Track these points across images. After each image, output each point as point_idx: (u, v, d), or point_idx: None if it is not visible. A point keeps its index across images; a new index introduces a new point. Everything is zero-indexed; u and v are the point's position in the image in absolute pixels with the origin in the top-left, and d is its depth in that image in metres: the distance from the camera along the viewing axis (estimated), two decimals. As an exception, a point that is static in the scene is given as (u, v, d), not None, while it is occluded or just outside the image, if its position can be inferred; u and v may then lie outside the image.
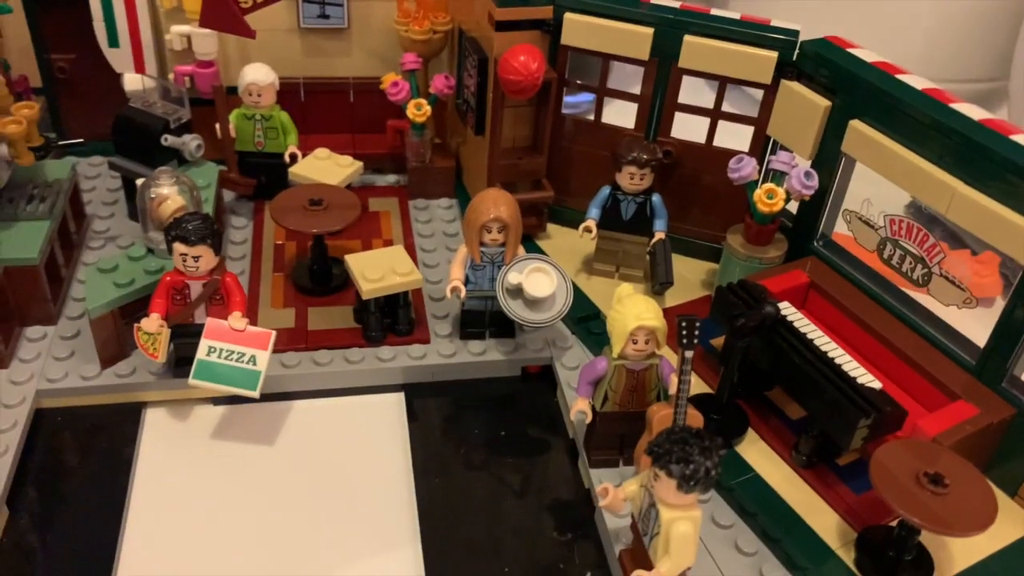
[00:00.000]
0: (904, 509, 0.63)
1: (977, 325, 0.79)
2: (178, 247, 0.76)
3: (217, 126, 1.01)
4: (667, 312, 0.90)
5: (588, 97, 1.11)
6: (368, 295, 0.85)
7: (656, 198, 0.93)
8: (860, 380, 0.72)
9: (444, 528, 0.76)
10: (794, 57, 0.87)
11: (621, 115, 0.98)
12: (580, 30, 0.92)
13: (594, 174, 0.98)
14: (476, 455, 0.84)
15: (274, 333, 0.80)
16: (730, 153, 0.93)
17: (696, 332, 0.68)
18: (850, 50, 0.85)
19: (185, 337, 0.81)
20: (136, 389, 0.84)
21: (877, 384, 0.73)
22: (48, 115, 1.10)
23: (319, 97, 1.12)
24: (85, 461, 0.81)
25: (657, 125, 0.96)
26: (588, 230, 0.94)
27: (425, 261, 1.01)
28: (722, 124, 0.95)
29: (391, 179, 1.15)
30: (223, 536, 0.74)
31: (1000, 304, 0.77)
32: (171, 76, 1.04)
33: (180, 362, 0.82)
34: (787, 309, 0.80)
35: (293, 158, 1.02)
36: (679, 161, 0.97)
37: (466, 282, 0.87)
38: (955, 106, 0.77)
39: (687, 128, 0.96)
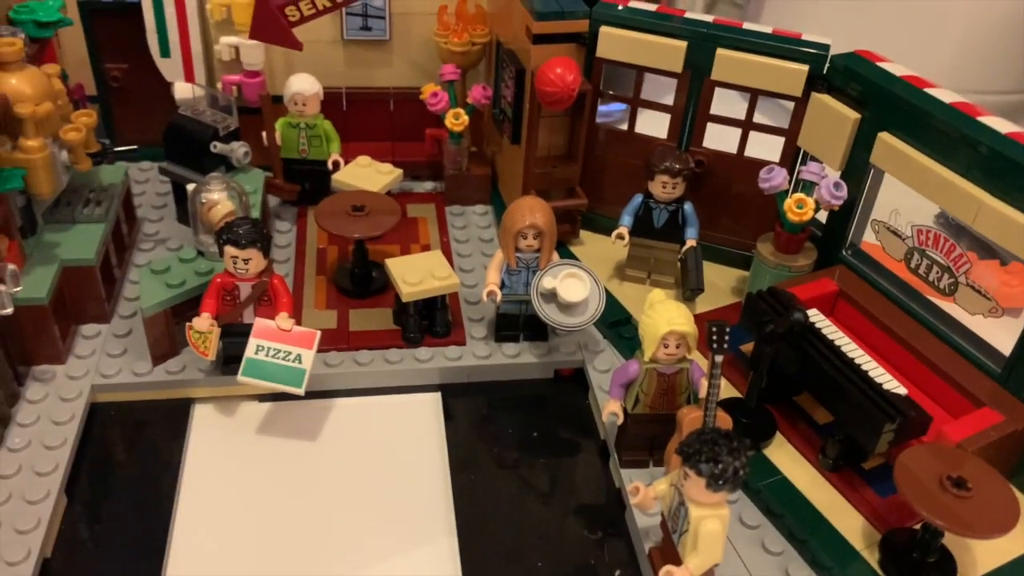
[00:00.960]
0: (928, 511, 0.65)
1: (1003, 334, 0.80)
2: (229, 250, 0.80)
3: (264, 134, 1.05)
4: (698, 318, 0.92)
5: (621, 106, 1.14)
6: (408, 298, 0.89)
7: (688, 206, 0.95)
8: (886, 386, 0.74)
9: (479, 523, 0.79)
10: (824, 70, 0.89)
11: (654, 125, 1.01)
12: (615, 43, 0.95)
13: (627, 182, 1.00)
14: (510, 454, 0.87)
15: (319, 333, 0.83)
16: (761, 163, 0.96)
17: (726, 337, 0.70)
18: (880, 64, 0.87)
19: (234, 336, 0.84)
20: (185, 385, 0.87)
21: (903, 390, 0.75)
22: (102, 121, 1.14)
23: (361, 106, 1.16)
24: (137, 453, 0.85)
25: (689, 135, 0.98)
26: (621, 237, 0.97)
27: (461, 266, 1.04)
28: (753, 134, 0.97)
29: (429, 186, 1.18)
30: (267, 527, 0.78)
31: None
32: (219, 85, 1.08)
33: (228, 360, 0.86)
34: (815, 316, 0.82)
35: (336, 165, 1.06)
36: (711, 170, 0.99)
37: (502, 286, 0.90)
38: (983, 119, 0.79)
39: (719, 138, 0.99)
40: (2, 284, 0.77)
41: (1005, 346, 0.79)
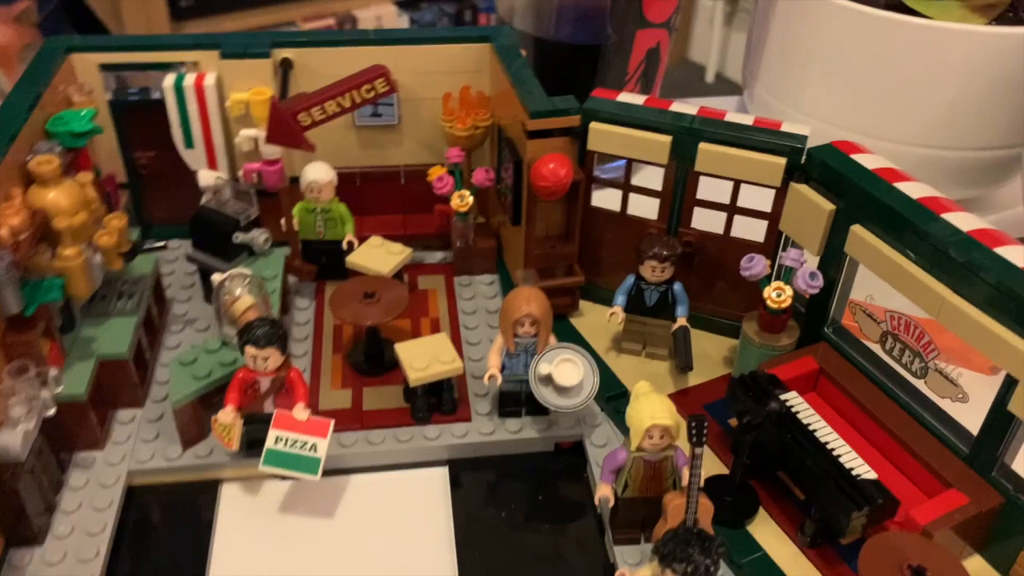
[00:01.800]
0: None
1: (972, 413, 0.85)
2: (249, 350, 0.87)
3: (283, 221, 1.12)
4: (690, 391, 0.99)
5: (621, 163, 1.19)
6: (415, 383, 0.96)
7: (678, 287, 1.01)
8: (856, 471, 0.80)
9: (482, 593, 0.86)
10: (802, 161, 0.95)
11: (645, 205, 1.07)
12: (605, 138, 1.01)
13: (622, 257, 1.06)
14: (513, 524, 0.94)
15: (332, 422, 0.90)
16: (746, 243, 1.01)
17: (704, 432, 0.76)
18: (855, 155, 0.92)
19: (256, 423, 0.92)
20: (213, 468, 0.95)
21: (872, 475, 0.80)
22: (132, 205, 1.22)
23: (373, 183, 1.23)
24: (170, 533, 0.92)
25: (678, 217, 1.04)
26: (615, 315, 1.03)
27: (468, 339, 1.11)
28: (738, 216, 1.02)
29: (439, 256, 1.25)
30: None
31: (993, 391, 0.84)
32: (241, 173, 1.16)
33: (252, 444, 0.93)
34: (793, 399, 0.87)
35: (350, 246, 1.13)
36: (700, 249, 1.05)
37: (502, 368, 0.96)
38: (947, 215, 0.83)
39: (708, 217, 1.04)
40: (45, 388, 0.85)
41: (974, 426, 0.84)
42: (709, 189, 1.02)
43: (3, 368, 0.84)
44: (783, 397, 0.86)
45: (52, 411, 0.86)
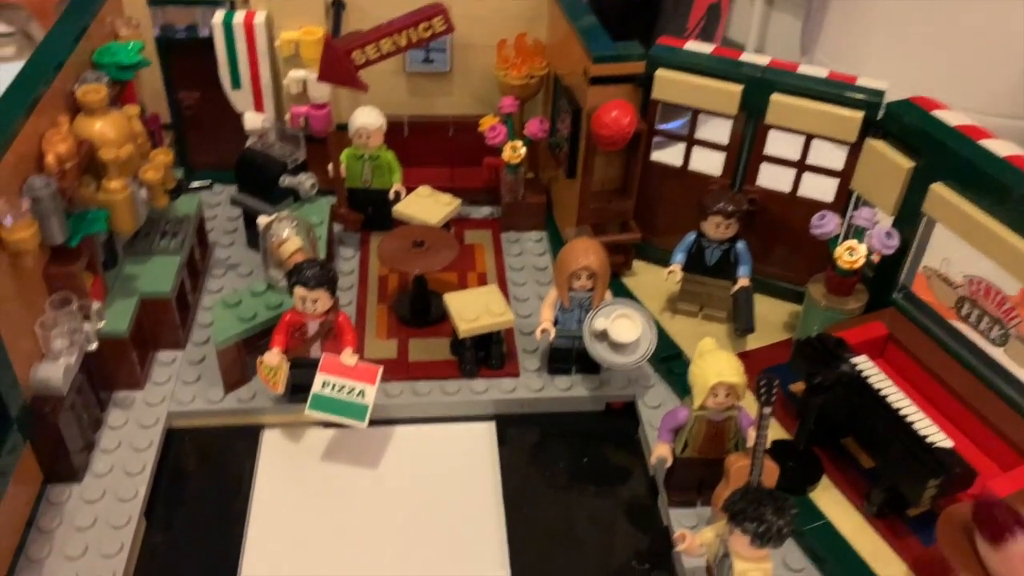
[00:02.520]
0: (967, 570, 0.67)
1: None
2: (298, 291, 0.84)
3: (330, 166, 1.09)
4: (748, 355, 0.95)
5: (677, 123, 1.15)
6: (464, 334, 0.92)
7: (741, 245, 0.97)
8: (932, 439, 0.76)
9: (531, 550, 0.83)
10: (879, 117, 0.90)
11: (708, 160, 1.03)
12: (671, 86, 0.96)
13: (681, 215, 1.02)
14: (561, 484, 0.90)
15: (381, 368, 0.87)
16: (814, 203, 0.97)
17: (775, 391, 0.73)
18: (935, 112, 0.88)
19: (302, 368, 0.89)
20: (255, 413, 0.92)
21: (949, 443, 0.76)
22: (175, 147, 1.19)
23: (421, 133, 1.19)
24: (209, 477, 0.90)
25: (743, 174, 0.99)
26: (673, 273, 0.99)
27: (516, 295, 1.08)
28: (807, 173, 0.98)
29: (486, 211, 1.22)
30: (330, 546, 0.82)
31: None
32: (288, 116, 1.13)
33: (296, 389, 0.90)
34: (863, 363, 0.83)
35: (397, 195, 1.10)
36: (764, 208, 1.00)
37: (555, 323, 0.93)
38: (1038, 174, 0.79)
39: (773, 175, 1.00)
40: (87, 322, 0.83)
41: (1056, 398, 0.80)
42: (776, 145, 0.98)
43: (45, 300, 0.82)
44: (853, 361, 0.82)
45: (94, 346, 0.83)
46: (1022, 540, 0.52)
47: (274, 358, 0.86)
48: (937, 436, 0.76)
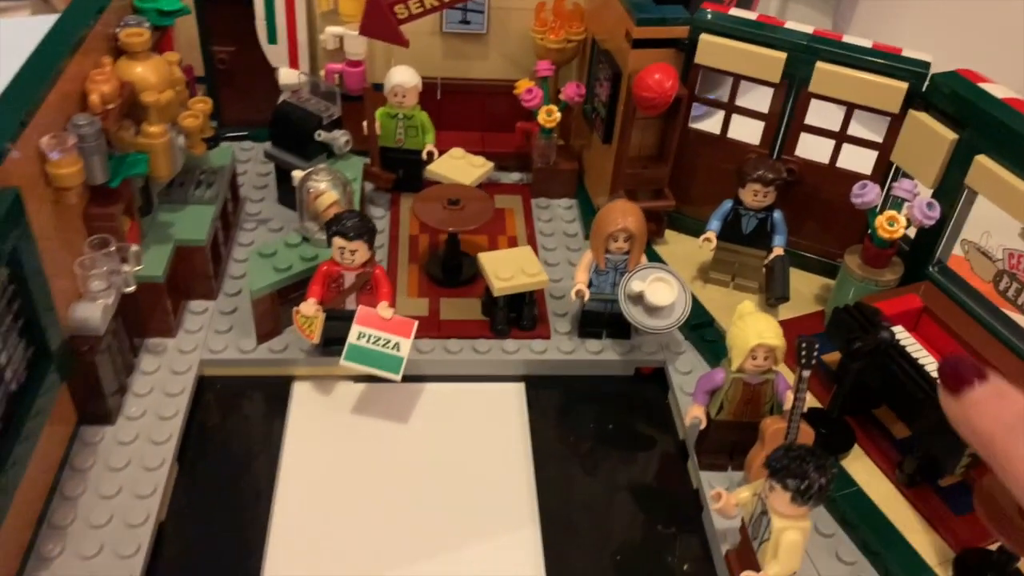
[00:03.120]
0: (1005, 537, 0.67)
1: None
2: (337, 241, 0.84)
3: (364, 123, 1.08)
4: (784, 324, 0.95)
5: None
6: (499, 292, 0.92)
7: (778, 214, 0.97)
8: (969, 408, 0.75)
9: (559, 511, 0.83)
10: (923, 88, 0.90)
11: (747, 129, 1.02)
12: (714, 51, 0.96)
13: (716, 185, 1.02)
14: (589, 446, 0.91)
15: (416, 323, 0.87)
16: (852, 175, 0.97)
17: (815, 354, 0.73)
18: (981, 84, 0.87)
19: (336, 320, 0.89)
20: (287, 364, 0.92)
21: (986, 414, 0.76)
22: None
23: (455, 96, 1.19)
24: (241, 426, 0.90)
25: (783, 144, 0.99)
26: (708, 240, 0.99)
27: (547, 260, 1.07)
28: (846, 145, 0.98)
29: (516, 176, 1.21)
30: (360, 500, 0.83)
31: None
32: (323, 73, 1.12)
33: (329, 342, 0.90)
34: (900, 333, 0.83)
35: (430, 156, 1.10)
36: (801, 179, 1.00)
37: (589, 285, 0.93)
38: (1086, 148, 0.79)
39: (811, 146, 1.00)
40: (126, 264, 0.83)
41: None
42: (816, 115, 0.97)
43: (84, 241, 0.82)
44: (894, 329, 0.82)
45: (132, 288, 0.83)
46: (979, 388, 0.55)
47: (310, 308, 0.86)
48: (974, 406, 0.76)
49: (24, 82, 0.75)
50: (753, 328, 0.77)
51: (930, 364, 0.80)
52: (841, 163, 0.98)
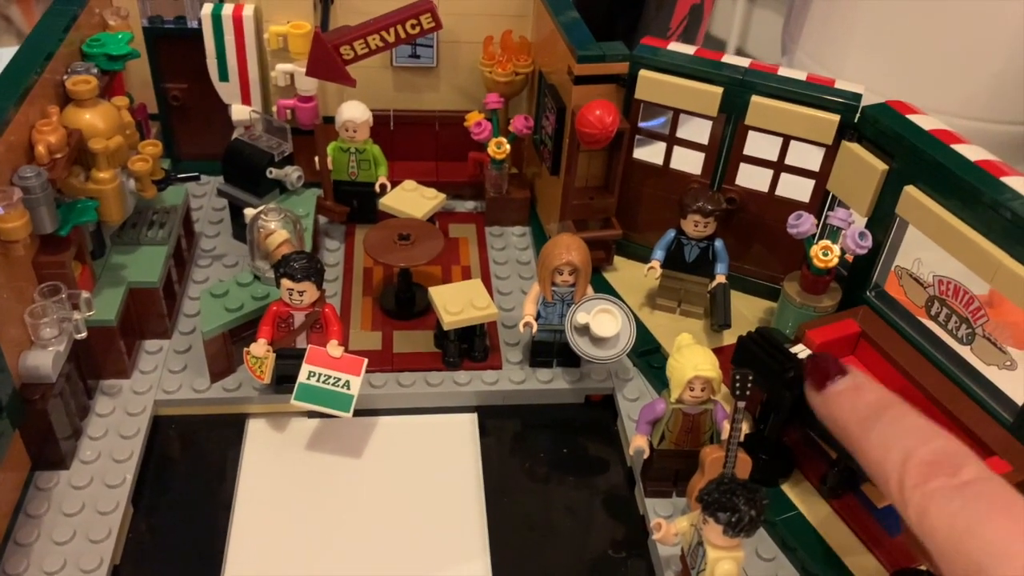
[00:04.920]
0: (926, 558, 0.69)
1: (1017, 384, 0.84)
2: (285, 282, 0.86)
3: (316, 159, 1.10)
4: (725, 350, 0.97)
5: (659, 121, 1.17)
6: (449, 327, 0.94)
7: (719, 243, 0.99)
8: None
9: (510, 539, 0.85)
10: (855, 120, 0.93)
11: (689, 159, 1.05)
12: (654, 86, 0.98)
13: (661, 213, 1.05)
14: (541, 473, 0.93)
15: (366, 361, 0.89)
16: (791, 203, 0.99)
17: (749, 385, 0.75)
18: (910, 116, 0.90)
19: (287, 359, 0.90)
20: (241, 402, 0.94)
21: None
22: (162, 137, 1.20)
23: (407, 127, 1.21)
24: (196, 465, 0.91)
25: (723, 173, 1.02)
26: (653, 269, 1.01)
27: (499, 288, 1.10)
28: (784, 173, 1.00)
29: (470, 205, 1.23)
30: (314, 534, 0.84)
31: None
32: (274, 109, 1.14)
33: (281, 380, 0.92)
34: (802, 354, 0.86)
35: (383, 188, 1.11)
36: (742, 206, 1.03)
37: (537, 317, 0.95)
38: (1006, 179, 0.81)
39: (752, 175, 1.02)
40: (76, 311, 0.84)
41: (1019, 395, 0.83)
42: (755, 146, 1.00)
43: (35, 288, 0.83)
44: (793, 350, 0.84)
45: (83, 335, 0.84)
46: (840, 383, 0.60)
47: (261, 348, 0.88)
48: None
49: (-34, 137, 0.77)
50: (690, 360, 0.79)
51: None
52: (780, 191, 1.01)
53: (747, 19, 1.72)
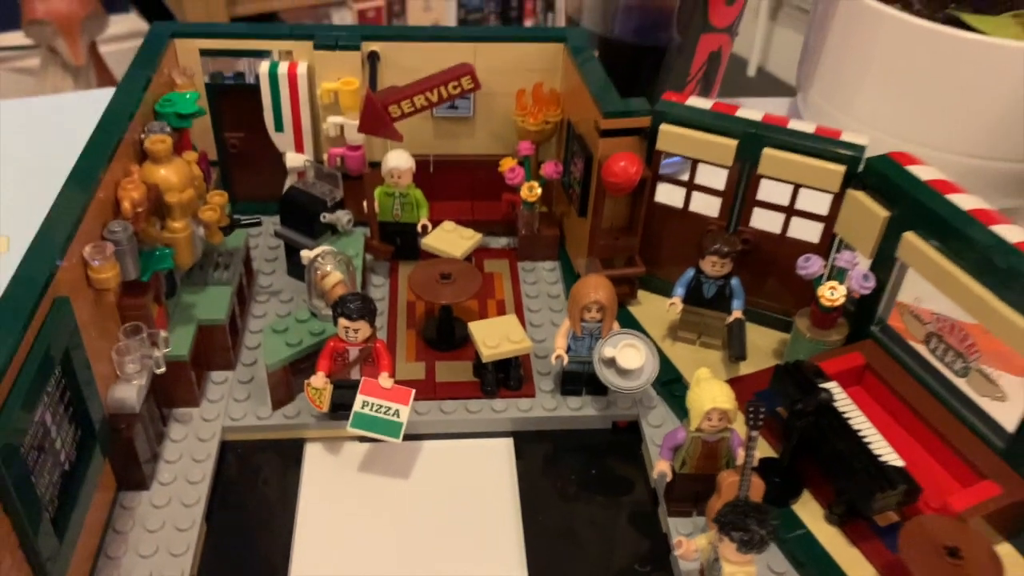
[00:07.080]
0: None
1: (1009, 411, 0.91)
2: (342, 321, 0.95)
3: (364, 202, 1.20)
4: (742, 379, 1.05)
5: (680, 158, 1.25)
6: (487, 359, 1.03)
7: (735, 281, 1.08)
8: (884, 458, 0.86)
9: (544, 552, 0.94)
10: (860, 170, 1.01)
11: (707, 202, 1.13)
12: (673, 139, 1.07)
13: (682, 250, 1.13)
14: (571, 493, 1.01)
15: (414, 391, 0.98)
16: (801, 244, 1.08)
17: (761, 416, 0.83)
18: (910, 167, 0.98)
19: (343, 388, 1.00)
20: (299, 428, 1.03)
21: (900, 463, 0.86)
22: (221, 181, 1.31)
23: (446, 170, 1.31)
24: (261, 485, 1.01)
25: (738, 216, 1.10)
26: (674, 305, 1.10)
27: (531, 320, 1.19)
28: (795, 217, 1.09)
29: (503, 242, 1.33)
30: (367, 546, 0.93)
31: (1030, 397, 0.90)
32: (325, 156, 1.24)
33: (336, 408, 1.01)
34: (833, 389, 0.94)
35: (424, 229, 1.21)
36: (757, 247, 1.11)
37: (568, 350, 1.04)
38: (996, 228, 0.89)
39: (765, 218, 1.11)
40: (156, 348, 0.94)
41: (1010, 423, 0.90)
42: (768, 191, 1.08)
43: (119, 328, 0.93)
44: (826, 386, 0.93)
45: (162, 369, 0.94)
46: None
47: (320, 381, 0.98)
48: (890, 456, 0.87)
49: (69, 197, 0.86)
50: (708, 393, 0.88)
51: (856, 418, 0.90)
52: (792, 232, 1.09)
53: (768, 38, 1.78)
